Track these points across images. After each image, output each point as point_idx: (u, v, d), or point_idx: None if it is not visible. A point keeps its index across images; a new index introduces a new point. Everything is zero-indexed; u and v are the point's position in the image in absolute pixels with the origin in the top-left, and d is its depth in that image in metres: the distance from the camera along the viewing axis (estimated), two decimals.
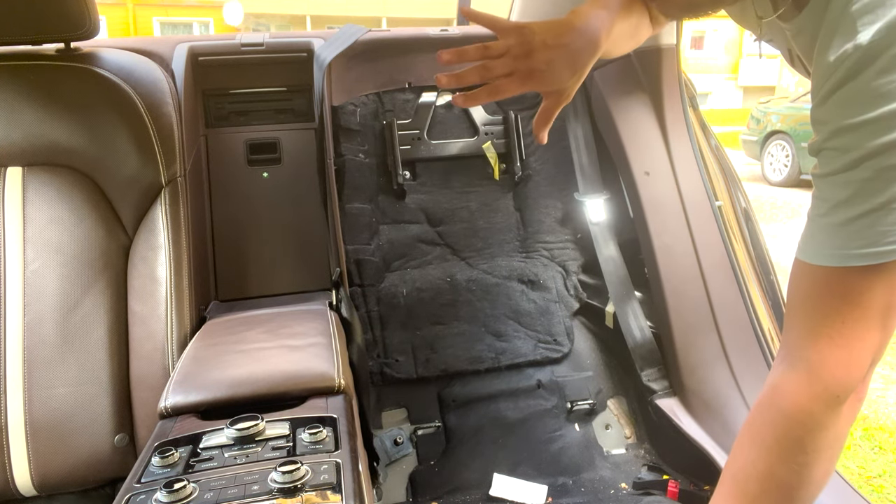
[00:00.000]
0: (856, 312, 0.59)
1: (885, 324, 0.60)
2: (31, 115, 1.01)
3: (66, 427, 0.95)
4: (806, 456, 0.63)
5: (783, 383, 0.65)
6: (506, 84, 0.80)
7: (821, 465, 0.64)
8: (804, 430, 0.63)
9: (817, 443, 0.63)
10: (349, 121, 1.44)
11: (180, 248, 1.05)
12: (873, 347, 0.61)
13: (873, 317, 0.59)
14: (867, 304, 0.59)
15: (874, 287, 0.58)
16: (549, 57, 0.79)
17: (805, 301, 0.63)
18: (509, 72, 0.79)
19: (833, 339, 0.61)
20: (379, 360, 1.43)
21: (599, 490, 1.30)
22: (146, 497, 0.62)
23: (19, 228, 0.99)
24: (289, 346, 0.93)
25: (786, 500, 0.65)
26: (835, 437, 0.64)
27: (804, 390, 0.62)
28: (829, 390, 0.61)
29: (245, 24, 14.77)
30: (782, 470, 0.64)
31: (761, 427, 0.66)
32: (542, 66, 0.79)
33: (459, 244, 1.56)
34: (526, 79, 0.79)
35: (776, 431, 0.65)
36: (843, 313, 0.60)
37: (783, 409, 0.64)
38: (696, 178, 1.32)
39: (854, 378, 0.61)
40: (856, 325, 0.60)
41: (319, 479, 0.63)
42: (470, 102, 0.81)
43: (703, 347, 1.25)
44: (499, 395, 1.45)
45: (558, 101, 0.81)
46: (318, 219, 1.34)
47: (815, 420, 0.62)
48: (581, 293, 1.55)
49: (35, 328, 0.96)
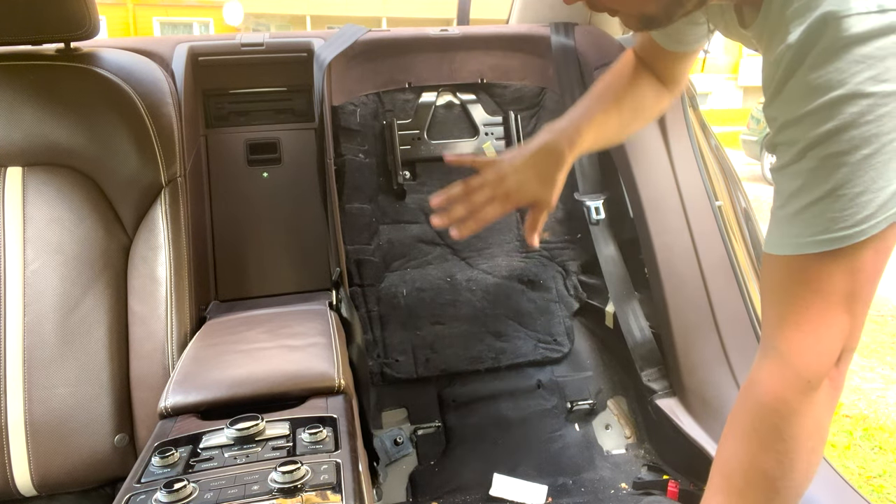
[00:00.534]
0: (818, 298, 0.61)
1: (851, 309, 0.62)
2: (31, 115, 1.01)
3: (66, 427, 0.95)
4: (784, 444, 0.64)
5: (757, 373, 0.67)
6: (489, 210, 0.90)
7: (802, 454, 0.65)
8: (779, 417, 0.64)
9: (793, 430, 0.64)
10: (349, 121, 1.44)
11: (180, 248, 1.05)
12: (842, 333, 0.63)
13: (836, 302, 0.61)
14: (829, 290, 0.61)
15: (833, 272, 0.60)
16: (519, 178, 0.90)
17: (772, 292, 0.66)
18: (489, 199, 0.90)
19: (800, 325, 0.63)
20: (379, 360, 1.43)
21: (599, 490, 1.30)
22: (146, 497, 0.62)
23: (19, 228, 0.99)
24: (289, 346, 0.93)
25: (771, 492, 0.66)
26: (813, 424, 0.65)
27: (776, 378, 0.64)
28: (800, 376, 0.63)
29: (245, 24, 14.76)
30: (764, 460, 0.66)
31: (741, 418, 0.68)
32: (514, 187, 0.90)
33: (459, 244, 1.56)
34: (504, 201, 0.91)
35: (754, 421, 0.67)
36: (806, 300, 0.62)
37: (758, 398, 0.66)
38: (696, 178, 1.32)
39: (823, 363, 0.63)
40: (820, 311, 0.62)
41: (319, 479, 0.63)
42: (464, 234, 0.91)
43: (703, 347, 1.25)
44: (499, 395, 1.45)
45: (540, 210, 0.92)
46: (318, 219, 1.34)
47: (788, 407, 0.64)
48: (581, 293, 1.55)
49: (35, 328, 0.96)
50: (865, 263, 0.60)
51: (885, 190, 0.56)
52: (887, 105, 0.54)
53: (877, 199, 0.56)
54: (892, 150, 0.55)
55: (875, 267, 0.60)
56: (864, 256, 0.59)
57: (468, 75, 1.53)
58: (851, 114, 0.55)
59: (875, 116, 0.54)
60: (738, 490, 0.67)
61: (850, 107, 0.55)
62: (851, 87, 0.54)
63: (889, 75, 0.54)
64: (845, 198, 0.57)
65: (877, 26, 0.53)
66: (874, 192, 0.56)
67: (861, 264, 0.60)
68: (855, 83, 0.54)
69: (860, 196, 0.56)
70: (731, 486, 0.68)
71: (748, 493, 0.67)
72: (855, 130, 0.55)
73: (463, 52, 1.51)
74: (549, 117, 1.55)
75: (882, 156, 0.55)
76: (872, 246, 0.59)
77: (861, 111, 0.54)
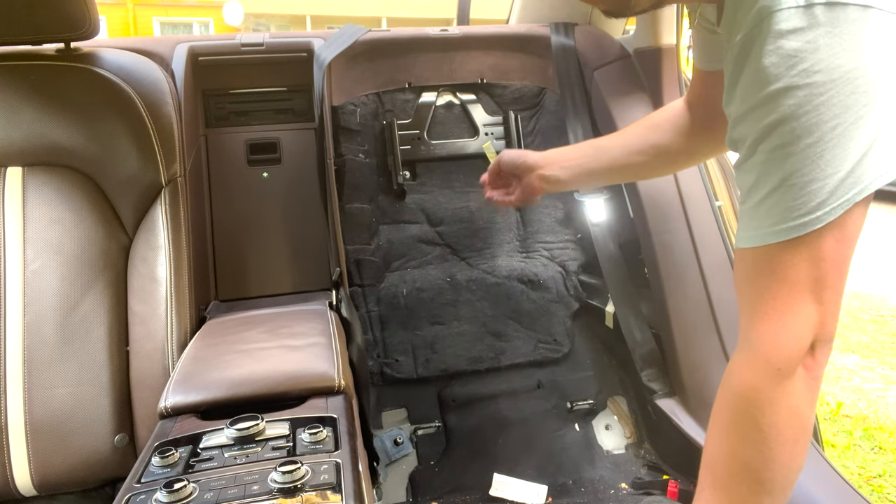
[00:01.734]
0: (784, 287, 0.62)
1: (818, 297, 0.63)
2: (31, 115, 1.01)
3: (66, 427, 0.95)
4: (762, 433, 0.65)
5: (732, 365, 0.68)
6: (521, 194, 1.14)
7: (783, 444, 0.65)
8: (754, 406, 0.65)
9: (769, 419, 0.65)
10: (349, 121, 1.44)
11: (180, 248, 1.05)
12: (810, 321, 0.63)
13: (802, 290, 0.62)
14: (793, 279, 0.62)
15: (796, 261, 0.61)
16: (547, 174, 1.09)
17: (743, 284, 0.67)
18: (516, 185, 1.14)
19: (768, 314, 0.64)
20: (379, 360, 1.43)
21: (599, 490, 1.30)
22: (146, 497, 0.62)
23: (19, 228, 0.99)
24: (289, 346, 0.93)
25: (755, 483, 0.66)
26: (789, 413, 0.65)
27: (748, 368, 0.66)
28: (770, 364, 0.64)
29: (245, 24, 14.76)
30: (744, 451, 0.66)
31: (721, 411, 0.69)
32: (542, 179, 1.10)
33: (459, 244, 1.56)
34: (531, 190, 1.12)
35: (731, 413, 0.68)
36: (772, 290, 0.63)
37: (734, 389, 0.67)
38: (696, 178, 1.32)
39: (793, 350, 0.64)
40: (786, 300, 0.63)
41: (319, 479, 0.63)
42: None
43: (703, 347, 1.25)
44: (499, 395, 1.45)
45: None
46: (318, 219, 1.34)
47: (762, 395, 0.65)
48: (581, 293, 1.55)
49: (35, 328, 0.96)
50: (827, 250, 0.61)
51: (834, 176, 0.57)
52: (823, 94, 0.56)
53: (827, 186, 0.58)
54: (833, 136, 0.57)
55: (838, 253, 0.61)
56: (825, 243, 0.60)
57: (468, 75, 1.53)
58: (790, 105, 0.57)
59: (813, 106, 0.56)
60: (724, 484, 0.68)
61: (789, 99, 0.57)
62: (787, 80, 0.56)
63: (821, 66, 0.55)
64: (796, 187, 0.58)
65: (804, 20, 0.55)
66: (823, 180, 0.57)
67: (823, 251, 0.61)
68: (790, 76, 0.56)
69: (810, 184, 0.58)
70: (716, 479, 0.69)
71: (733, 486, 0.68)
72: (795, 122, 0.57)
73: (463, 52, 1.51)
74: (549, 117, 1.55)
75: (826, 143, 0.57)
76: (831, 233, 0.60)
77: (798, 102, 0.56)
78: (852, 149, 0.57)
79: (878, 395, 2.38)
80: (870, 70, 0.56)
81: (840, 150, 0.57)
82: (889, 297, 3.37)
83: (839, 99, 0.56)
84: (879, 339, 2.88)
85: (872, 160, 0.57)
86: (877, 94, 0.56)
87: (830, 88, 0.56)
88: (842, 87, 0.56)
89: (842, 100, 0.56)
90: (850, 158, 0.57)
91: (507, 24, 1.74)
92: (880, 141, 0.57)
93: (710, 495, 0.69)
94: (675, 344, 1.28)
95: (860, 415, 2.24)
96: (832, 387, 2.44)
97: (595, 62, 1.46)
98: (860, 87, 0.56)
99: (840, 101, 0.56)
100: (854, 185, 0.58)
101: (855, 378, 2.52)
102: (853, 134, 0.56)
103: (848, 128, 0.56)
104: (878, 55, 0.56)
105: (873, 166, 0.58)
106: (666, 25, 1.35)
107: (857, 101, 0.56)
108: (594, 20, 1.60)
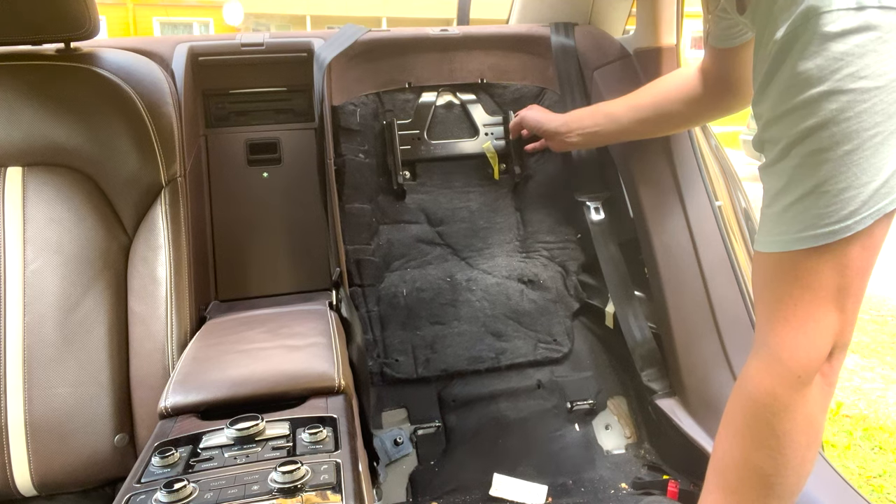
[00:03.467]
0: (807, 294, 0.62)
1: (841, 305, 0.62)
2: (31, 115, 1.01)
3: (66, 427, 0.95)
4: (777, 440, 0.65)
5: (749, 370, 0.67)
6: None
7: (796, 450, 0.65)
8: (771, 413, 0.65)
9: (786, 425, 0.64)
10: (349, 121, 1.44)
11: (180, 248, 1.05)
12: (831, 328, 0.63)
13: (825, 297, 0.61)
14: (817, 286, 0.61)
15: (821, 268, 0.60)
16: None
17: (763, 289, 0.66)
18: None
19: (789, 321, 0.63)
20: (379, 360, 1.43)
21: (599, 490, 1.30)
22: (146, 497, 0.62)
23: (19, 228, 0.99)
24: (289, 346, 0.93)
25: (765, 488, 0.66)
26: (805, 420, 0.65)
27: (767, 374, 0.65)
28: (791, 371, 0.63)
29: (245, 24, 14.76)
30: (757, 456, 0.66)
31: (734, 416, 0.69)
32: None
33: (459, 244, 1.56)
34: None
35: (746, 418, 0.67)
36: (794, 296, 0.62)
37: (750, 395, 0.67)
38: (696, 178, 1.32)
39: (813, 358, 0.63)
40: (808, 307, 0.62)
41: (319, 479, 0.63)
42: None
43: (703, 347, 1.25)
44: (499, 395, 1.45)
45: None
46: (318, 219, 1.34)
47: (780, 402, 0.64)
48: (581, 293, 1.55)
49: (35, 328, 0.96)
50: (853, 259, 0.60)
51: (868, 185, 0.56)
52: (867, 101, 0.55)
53: (861, 195, 0.56)
54: (873, 145, 0.55)
55: (863, 262, 0.61)
56: (852, 252, 0.60)
57: (468, 75, 1.53)
58: (832, 110, 0.56)
59: (855, 113, 0.55)
60: (733, 488, 0.68)
61: (830, 103, 0.55)
62: (831, 83, 0.55)
63: (868, 72, 0.54)
64: (829, 194, 0.57)
65: (855, 23, 0.54)
66: (858, 188, 0.56)
67: (849, 260, 0.60)
68: (834, 80, 0.55)
69: (844, 192, 0.57)
70: (726, 483, 0.69)
71: (743, 491, 0.67)
72: (836, 127, 0.56)
73: (463, 52, 1.51)
74: None
75: (864, 151, 0.55)
76: (859, 241, 0.59)
77: (841, 108, 0.55)
78: (890, 158, 0.55)
79: (878, 395, 2.38)
80: None
81: (877, 158, 0.55)
82: (889, 297, 3.37)
83: (882, 107, 0.54)
84: (879, 339, 2.88)
85: None
86: None
87: (875, 95, 0.54)
88: (886, 95, 0.54)
89: (885, 108, 0.54)
90: (886, 168, 0.56)
91: (507, 24, 1.74)
92: None
93: (718, 498, 0.69)
94: (675, 344, 1.28)
95: (860, 415, 2.24)
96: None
97: (595, 62, 1.46)
98: None
99: (883, 108, 0.55)
100: (887, 194, 0.56)
101: (855, 378, 2.52)
102: (892, 143, 0.55)
103: (888, 137, 0.55)
104: None
105: None
106: (666, 25, 1.35)
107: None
108: (594, 20, 1.60)
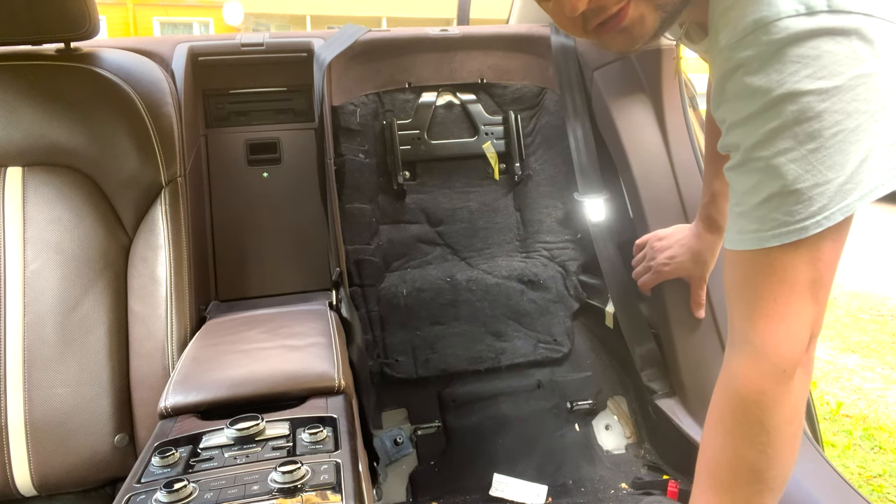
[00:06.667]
0: (785, 289, 0.63)
1: (815, 297, 0.64)
2: (31, 115, 1.01)
3: (66, 427, 0.95)
4: (768, 435, 0.66)
5: (735, 368, 0.68)
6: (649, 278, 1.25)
7: (785, 442, 0.67)
8: (760, 409, 0.66)
9: (776, 420, 0.66)
10: (349, 121, 1.44)
11: (180, 248, 1.05)
12: (808, 320, 0.65)
13: (802, 291, 0.63)
14: (794, 280, 0.63)
15: (796, 263, 0.62)
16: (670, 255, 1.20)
17: (739, 286, 0.68)
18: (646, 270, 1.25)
19: (770, 317, 0.65)
20: (379, 360, 1.43)
21: (599, 490, 1.30)
22: (146, 497, 0.62)
23: (19, 228, 0.99)
24: (289, 346, 0.93)
25: (757, 483, 0.67)
26: (791, 412, 0.67)
27: (754, 371, 0.66)
28: (777, 366, 0.65)
29: (245, 24, 14.75)
30: (749, 453, 0.67)
31: (722, 413, 0.70)
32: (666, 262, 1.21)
33: (459, 244, 1.56)
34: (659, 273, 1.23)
35: (736, 416, 0.68)
36: (773, 292, 0.64)
37: (738, 393, 0.68)
38: (696, 178, 1.32)
39: (796, 351, 0.65)
40: (788, 301, 0.64)
41: (319, 479, 0.63)
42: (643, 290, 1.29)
43: (703, 347, 1.25)
44: (499, 395, 1.45)
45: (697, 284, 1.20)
46: (318, 219, 1.34)
47: (769, 397, 0.66)
48: (581, 293, 1.55)
49: (35, 328, 0.96)
50: (825, 252, 0.62)
51: (835, 181, 0.58)
52: (826, 101, 0.56)
53: (828, 191, 0.58)
54: (836, 142, 0.57)
55: (833, 255, 0.63)
56: (824, 246, 0.62)
57: (468, 75, 1.53)
58: (793, 111, 0.57)
59: (815, 113, 0.57)
60: (726, 485, 0.69)
61: (792, 105, 0.57)
62: (790, 85, 0.57)
63: (825, 72, 0.56)
64: (798, 192, 0.59)
65: (808, 27, 0.56)
66: (825, 185, 0.58)
67: (821, 253, 0.62)
68: (793, 82, 0.56)
69: (813, 189, 0.59)
70: (719, 482, 0.69)
71: (736, 488, 0.68)
72: (798, 127, 0.57)
73: (463, 52, 1.51)
74: (549, 117, 1.55)
75: (827, 149, 0.57)
76: (830, 236, 0.61)
77: (802, 108, 0.57)
78: (852, 154, 0.57)
79: (878, 395, 2.38)
80: (871, 78, 0.56)
81: (840, 155, 0.57)
82: (889, 297, 3.37)
83: (841, 105, 0.56)
84: (879, 339, 2.87)
85: (871, 166, 0.58)
86: (877, 101, 0.57)
87: (834, 94, 0.56)
88: (844, 94, 0.56)
89: (843, 106, 0.56)
90: (849, 164, 0.57)
91: (507, 24, 1.74)
92: (878, 148, 0.58)
93: (711, 498, 0.69)
94: (675, 344, 1.28)
95: (860, 415, 2.23)
96: (832, 387, 2.44)
97: (595, 62, 1.46)
98: (860, 94, 0.56)
99: (842, 107, 0.56)
100: (853, 190, 0.58)
101: (855, 378, 2.52)
102: (853, 139, 0.57)
103: (848, 134, 0.57)
104: (880, 64, 0.56)
105: (872, 173, 0.58)
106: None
107: (858, 108, 0.56)
108: None
